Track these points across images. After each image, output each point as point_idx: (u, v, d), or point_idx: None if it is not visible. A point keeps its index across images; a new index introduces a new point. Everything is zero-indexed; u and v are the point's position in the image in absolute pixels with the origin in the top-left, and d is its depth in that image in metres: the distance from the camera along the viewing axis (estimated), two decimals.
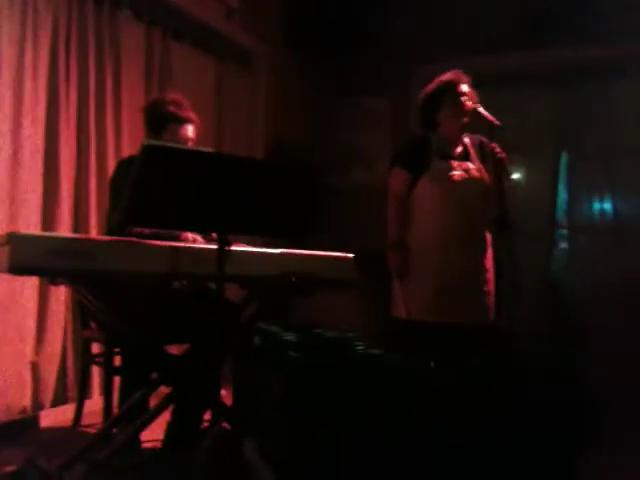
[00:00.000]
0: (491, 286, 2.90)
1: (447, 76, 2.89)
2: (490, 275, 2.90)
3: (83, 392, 3.10)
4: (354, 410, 1.76)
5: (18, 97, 3.03)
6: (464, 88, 2.87)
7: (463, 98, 2.85)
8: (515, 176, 4.71)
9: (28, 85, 3.05)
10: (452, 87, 2.86)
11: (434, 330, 2.76)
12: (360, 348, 1.89)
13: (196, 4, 4.04)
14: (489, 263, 2.91)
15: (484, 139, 2.93)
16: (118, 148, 3.59)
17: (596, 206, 4.53)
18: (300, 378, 1.74)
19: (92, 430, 2.97)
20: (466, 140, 2.96)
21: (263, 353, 1.93)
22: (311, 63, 5.06)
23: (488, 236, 2.93)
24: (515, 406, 2.21)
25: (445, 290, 2.79)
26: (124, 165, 2.58)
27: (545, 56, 4.43)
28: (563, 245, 4.72)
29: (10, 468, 2.38)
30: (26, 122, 3.05)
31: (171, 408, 2.41)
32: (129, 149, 3.57)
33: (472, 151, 2.94)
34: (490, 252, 2.92)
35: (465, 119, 2.85)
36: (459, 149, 2.93)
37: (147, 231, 2.21)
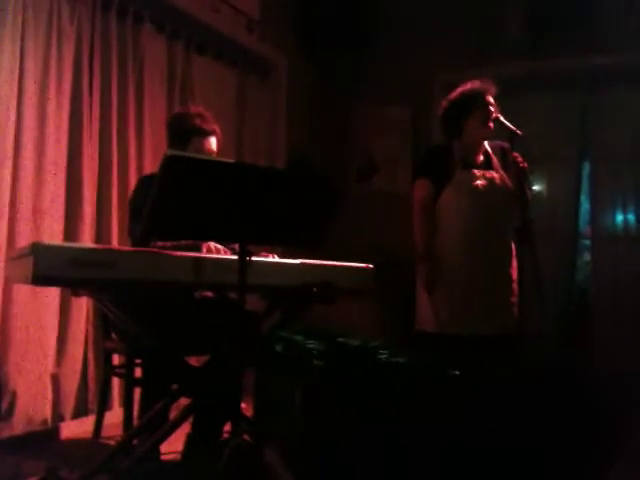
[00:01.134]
0: (517, 296, 2.87)
1: (476, 84, 2.88)
2: (516, 285, 2.87)
3: (104, 404, 3.10)
4: (377, 418, 1.74)
5: (42, 111, 3.07)
6: (492, 97, 2.86)
7: (491, 107, 2.84)
8: (537, 186, 4.66)
9: (52, 99, 3.10)
10: (482, 95, 2.85)
11: (462, 342, 2.73)
12: (384, 356, 1.87)
13: (217, 17, 4.07)
14: (515, 273, 2.88)
15: (505, 145, 2.90)
16: (140, 161, 3.62)
17: (619, 215, 4.46)
18: (323, 386, 1.73)
19: (112, 442, 2.96)
20: (487, 147, 2.94)
21: (286, 361, 1.91)
22: (331, 72, 5.08)
23: (513, 246, 2.90)
24: (534, 411, 2.18)
25: (473, 300, 2.77)
26: (146, 181, 2.59)
27: (565, 61, 4.39)
28: (586, 255, 4.65)
29: (32, 479, 2.38)
30: (49, 136, 3.09)
31: (191, 419, 2.40)
32: (151, 161, 3.60)
33: (494, 158, 2.92)
34: (515, 262, 2.89)
35: (492, 128, 2.84)
36: (481, 157, 2.92)
37: (169, 244, 2.22)
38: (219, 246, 2.39)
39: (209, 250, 2.33)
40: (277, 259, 2.24)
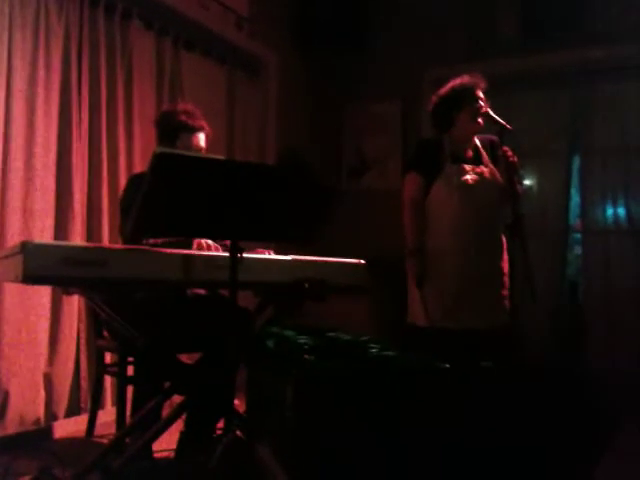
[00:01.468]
0: (508, 289, 2.88)
1: (466, 79, 2.89)
2: (507, 278, 2.89)
3: (96, 402, 3.09)
4: (369, 413, 1.75)
5: (31, 109, 3.05)
6: (482, 92, 2.87)
7: (481, 102, 2.85)
8: (527, 180, 4.67)
9: (40, 96, 3.08)
10: (472, 90, 2.86)
11: (454, 336, 2.74)
12: (375, 350, 1.88)
13: (206, 14, 4.06)
14: (506, 266, 2.89)
15: (494, 138, 2.91)
16: (130, 158, 3.61)
17: (610, 209, 4.48)
18: (315, 381, 1.73)
19: (105, 440, 2.96)
20: (477, 142, 2.95)
21: (277, 357, 1.91)
22: (321, 69, 5.08)
23: (504, 239, 2.91)
24: (526, 406, 2.19)
25: (464, 295, 2.78)
26: (136, 179, 2.59)
27: (555, 57, 4.41)
28: (577, 248, 4.67)
29: (24, 478, 2.38)
30: (39, 133, 3.07)
31: (184, 417, 2.40)
32: (141, 158, 3.58)
33: (484, 153, 2.94)
34: (506, 255, 2.91)
35: (481, 122, 2.85)
36: (471, 152, 2.93)
37: (160, 241, 2.22)
38: (210, 242, 2.39)
39: (200, 246, 2.32)
40: (270, 255, 2.24)
